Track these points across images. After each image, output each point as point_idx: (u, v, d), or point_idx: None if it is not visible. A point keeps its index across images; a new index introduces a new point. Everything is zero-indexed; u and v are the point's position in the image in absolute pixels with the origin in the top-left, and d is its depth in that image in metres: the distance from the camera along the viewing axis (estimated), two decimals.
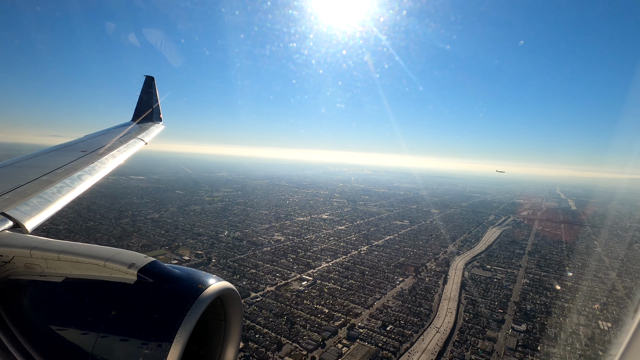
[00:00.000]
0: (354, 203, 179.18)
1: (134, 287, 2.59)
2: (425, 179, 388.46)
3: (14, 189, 4.45)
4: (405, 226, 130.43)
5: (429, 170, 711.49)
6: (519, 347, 51.73)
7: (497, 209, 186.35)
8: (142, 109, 10.93)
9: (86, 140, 7.99)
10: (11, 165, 5.68)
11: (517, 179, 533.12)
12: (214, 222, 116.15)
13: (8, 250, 2.95)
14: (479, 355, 49.32)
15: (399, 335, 53.28)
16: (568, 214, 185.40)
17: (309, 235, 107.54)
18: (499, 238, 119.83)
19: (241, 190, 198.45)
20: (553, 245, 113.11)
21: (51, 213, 4.35)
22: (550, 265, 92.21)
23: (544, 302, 68.15)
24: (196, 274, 2.78)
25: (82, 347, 2.40)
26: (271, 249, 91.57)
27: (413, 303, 64.79)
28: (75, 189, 5.14)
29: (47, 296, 2.72)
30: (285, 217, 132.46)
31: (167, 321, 2.37)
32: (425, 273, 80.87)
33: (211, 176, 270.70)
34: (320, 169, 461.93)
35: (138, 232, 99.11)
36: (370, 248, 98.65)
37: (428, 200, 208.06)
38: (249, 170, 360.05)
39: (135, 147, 8.11)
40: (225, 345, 2.96)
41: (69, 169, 5.68)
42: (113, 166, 6.62)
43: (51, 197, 4.59)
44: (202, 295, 2.52)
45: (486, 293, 71.41)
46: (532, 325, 58.63)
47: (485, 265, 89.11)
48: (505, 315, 62.04)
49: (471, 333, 55.26)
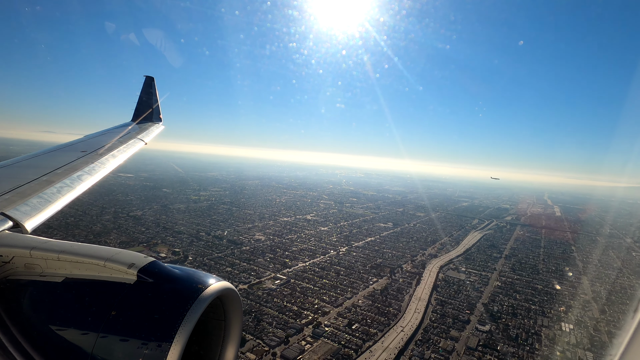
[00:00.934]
0: (340, 205, 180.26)
1: (134, 287, 2.58)
2: (417, 183, 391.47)
3: (13, 189, 4.43)
4: (388, 228, 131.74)
5: (422, 174, 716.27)
6: (479, 347, 52.99)
7: (482, 214, 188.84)
8: (142, 109, 10.99)
9: (86, 140, 8.03)
10: (11, 165, 5.67)
11: (508, 185, 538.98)
12: (196, 221, 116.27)
13: (8, 251, 2.94)
14: (439, 354, 50.41)
15: (364, 333, 54.19)
16: (551, 219, 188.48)
17: (290, 236, 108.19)
18: (478, 242, 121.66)
19: (229, 190, 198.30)
20: (531, 250, 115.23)
21: (51, 213, 4.36)
22: (524, 269, 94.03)
23: (511, 304, 69.63)
24: (196, 274, 2.78)
25: (82, 347, 2.39)
26: (250, 248, 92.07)
27: (383, 303, 65.81)
28: (75, 189, 5.16)
29: (47, 296, 2.71)
30: (269, 217, 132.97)
31: (167, 321, 2.37)
32: (400, 274, 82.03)
33: (201, 175, 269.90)
34: (313, 171, 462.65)
35: (118, 229, 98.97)
36: (350, 249, 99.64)
37: (415, 203, 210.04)
38: (241, 170, 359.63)
39: (135, 147, 8.14)
40: (225, 345, 2.96)
41: (69, 169, 5.69)
42: (113, 166, 6.67)
43: (51, 197, 4.60)
44: (202, 295, 2.51)
45: (456, 295, 72.72)
46: (496, 326, 60.04)
47: (460, 268, 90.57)
48: (472, 316, 63.33)
49: (435, 332, 56.39)
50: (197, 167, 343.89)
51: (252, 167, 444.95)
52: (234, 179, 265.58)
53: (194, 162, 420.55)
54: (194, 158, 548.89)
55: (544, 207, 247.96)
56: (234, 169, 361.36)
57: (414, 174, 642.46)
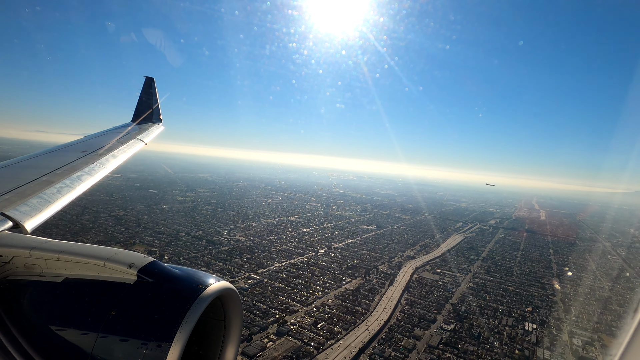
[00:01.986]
0: (327, 207, 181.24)
1: (134, 287, 2.59)
2: (407, 186, 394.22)
3: (13, 189, 4.43)
4: (371, 230, 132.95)
5: (415, 177, 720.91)
6: (440, 345, 54.12)
7: (467, 217, 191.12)
8: (142, 110, 11.00)
9: (86, 140, 8.04)
10: (11, 165, 5.67)
11: (500, 189, 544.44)
12: (178, 221, 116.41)
13: (7, 251, 2.94)
14: (399, 352, 51.42)
15: (328, 332, 55.03)
16: (534, 223, 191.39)
17: (270, 237, 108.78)
18: (458, 244, 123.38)
19: (217, 191, 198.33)
20: (508, 253, 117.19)
21: (51, 213, 4.35)
22: (498, 271, 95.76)
23: (479, 305, 71.04)
24: (196, 273, 2.79)
25: (82, 347, 2.39)
26: (228, 249, 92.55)
27: (352, 302, 66.74)
28: (75, 189, 5.16)
29: (47, 296, 2.71)
30: (253, 218, 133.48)
31: (166, 321, 2.38)
32: (375, 275, 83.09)
33: (191, 176, 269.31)
34: (305, 173, 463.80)
35: (97, 229, 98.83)
36: (329, 250, 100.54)
37: (402, 206, 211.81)
38: (232, 172, 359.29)
39: (135, 147, 8.19)
40: (225, 345, 2.97)
41: (69, 169, 5.69)
42: (113, 167, 6.69)
43: (51, 197, 4.58)
44: (202, 295, 2.52)
45: (427, 295, 73.94)
46: (461, 325, 61.27)
47: (436, 269, 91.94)
48: (438, 316, 64.54)
49: (399, 331, 57.44)
50: (188, 168, 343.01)
51: (244, 168, 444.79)
52: (223, 180, 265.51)
53: (186, 164, 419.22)
54: (186, 159, 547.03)
55: (529, 212, 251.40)
56: (225, 171, 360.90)
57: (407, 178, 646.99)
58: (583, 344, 57.99)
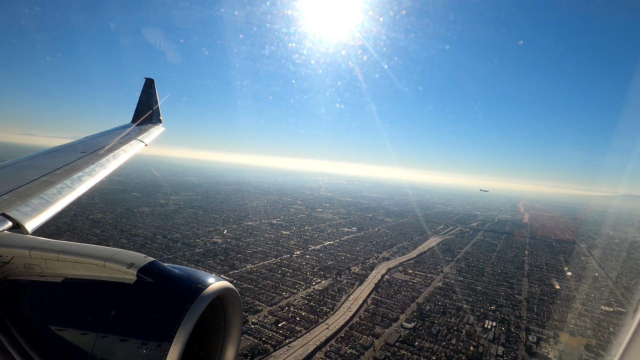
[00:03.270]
0: (311, 210, 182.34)
1: (134, 287, 2.58)
2: (396, 190, 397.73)
3: (13, 190, 4.43)
4: (351, 233, 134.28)
5: (406, 181, 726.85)
6: (397, 342, 55.38)
7: (450, 220, 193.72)
8: (141, 111, 11.00)
9: (85, 141, 8.02)
10: (11, 165, 5.67)
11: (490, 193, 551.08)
12: (156, 224, 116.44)
13: (7, 251, 2.94)
14: (356, 350, 52.53)
15: (288, 330, 55.96)
16: (515, 226, 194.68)
17: (248, 239, 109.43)
18: (436, 246, 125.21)
19: (202, 195, 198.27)
20: (484, 254, 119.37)
21: (52, 214, 4.35)
22: (470, 271, 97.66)
23: (444, 304, 72.58)
24: (196, 273, 2.78)
25: (82, 348, 2.39)
26: (203, 251, 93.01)
27: (318, 302, 67.77)
28: (75, 190, 5.17)
29: (47, 296, 2.71)
30: (234, 221, 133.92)
31: (166, 321, 2.37)
32: (346, 276, 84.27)
33: (178, 180, 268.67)
34: (295, 177, 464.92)
35: (71, 231, 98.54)
36: (304, 252, 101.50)
37: (387, 209, 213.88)
38: (221, 175, 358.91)
39: (135, 148, 8.19)
40: (225, 345, 2.96)
41: (69, 169, 5.70)
42: (113, 167, 6.68)
43: (52, 198, 4.58)
44: (202, 295, 2.52)
45: (395, 295, 75.29)
46: (421, 324, 62.68)
47: (408, 270, 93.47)
48: (401, 315, 65.86)
49: (359, 330, 58.58)
50: (176, 172, 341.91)
51: (234, 172, 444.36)
52: (211, 184, 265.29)
53: (175, 167, 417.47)
54: (176, 163, 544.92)
55: (513, 214, 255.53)
56: (214, 174, 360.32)
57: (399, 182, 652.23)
58: (537, 340, 59.77)
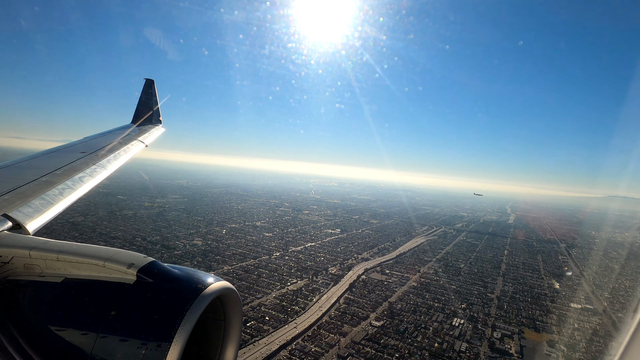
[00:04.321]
0: (298, 212, 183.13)
1: (133, 287, 2.58)
2: (387, 192, 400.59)
3: (13, 190, 4.44)
4: (334, 234, 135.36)
5: (397, 184, 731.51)
6: (362, 340, 56.40)
7: (436, 221, 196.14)
8: (142, 112, 11.02)
9: (85, 141, 8.02)
10: (10, 166, 5.68)
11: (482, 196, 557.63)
12: (137, 227, 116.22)
13: (7, 251, 2.94)
14: (321, 348, 53.42)
15: (256, 330, 56.63)
16: (499, 227, 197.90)
17: (229, 241, 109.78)
18: (417, 247, 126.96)
19: (189, 197, 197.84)
20: (463, 254, 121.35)
21: (53, 215, 4.36)
22: (447, 271, 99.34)
23: (415, 302, 73.92)
24: (196, 273, 2.78)
25: (82, 348, 2.40)
26: (181, 253, 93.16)
27: (290, 302, 68.55)
28: (76, 190, 5.16)
29: (47, 297, 2.71)
30: (217, 224, 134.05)
31: (166, 321, 2.38)
32: (322, 276, 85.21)
33: (167, 183, 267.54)
34: (286, 179, 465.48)
35: (50, 234, 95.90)
36: (284, 253, 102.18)
37: (374, 211, 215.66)
38: (211, 178, 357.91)
39: (135, 149, 8.21)
40: (225, 345, 2.97)
41: (69, 170, 5.71)
42: (114, 168, 6.69)
43: (53, 199, 4.59)
44: (202, 295, 2.52)
45: (368, 294, 76.41)
46: (390, 322, 63.83)
47: (385, 270, 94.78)
48: (372, 314, 66.96)
49: (327, 329, 59.51)
50: (166, 175, 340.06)
51: (225, 175, 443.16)
52: (200, 186, 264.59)
53: (165, 170, 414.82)
54: (166, 166, 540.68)
55: (499, 215, 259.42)
56: (204, 177, 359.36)
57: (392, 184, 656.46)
58: (502, 337, 61.34)
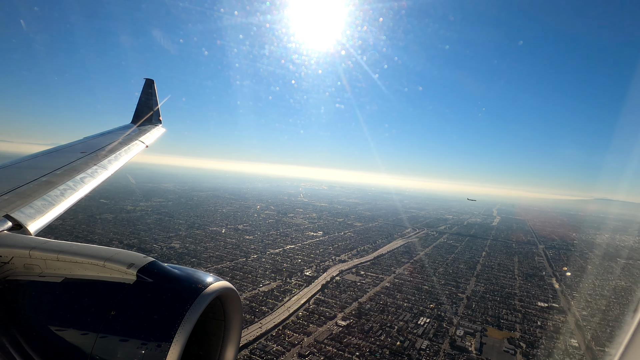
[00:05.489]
0: (283, 215, 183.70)
1: (133, 287, 2.59)
2: (376, 195, 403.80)
3: (13, 190, 4.45)
4: (316, 237, 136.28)
5: (390, 187, 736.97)
6: (325, 340, 57.30)
7: (420, 223, 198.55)
8: (142, 112, 11.02)
9: (85, 141, 7.99)
10: (10, 166, 5.69)
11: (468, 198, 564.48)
12: (115, 230, 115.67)
13: (7, 251, 2.94)
14: (283, 347, 54.18)
15: None
16: (482, 229, 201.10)
17: (208, 244, 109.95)
18: (397, 248, 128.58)
19: (174, 201, 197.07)
20: (441, 256, 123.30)
21: (54, 215, 4.37)
22: (422, 272, 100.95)
23: (385, 302, 75.17)
24: (196, 273, 2.79)
25: (81, 348, 2.39)
26: (157, 256, 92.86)
27: (259, 303, 69.22)
28: (77, 191, 5.16)
29: (46, 297, 2.71)
30: (198, 227, 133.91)
31: (166, 321, 2.38)
32: (297, 278, 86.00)
33: (154, 186, 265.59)
34: (277, 183, 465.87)
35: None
36: (261, 256, 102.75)
37: (360, 214, 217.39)
38: (199, 181, 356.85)
39: (136, 149, 8.19)
40: (225, 345, 2.98)
41: (69, 170, 5.71)
42: (115, 169, 6.67)
43: (55, 200, 4.60)
44: (202, 295, 2.53)
45: (339, 295, 77.43)
46: (356, 321, 64.89)
47: (360, 271, 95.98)
48: (339, 314, 67.98)
49: (292, 328, 60.31)
50: (154, 179, 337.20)
51: (214, 178, 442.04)
52: (186, 190, 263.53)
53: (154, 174, 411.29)
54: (155, 170, 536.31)
55: (484, 218, 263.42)
56: (193, 181, 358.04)
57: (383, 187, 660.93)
58: (464, 334, 62.89)
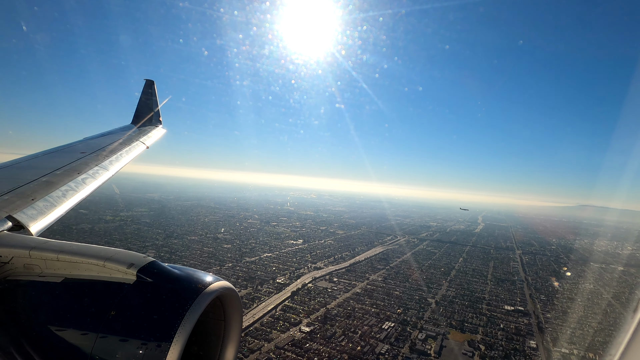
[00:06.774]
0: (265, 224, 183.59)
1: (133, 287, 2.59)
2: (363, 203, 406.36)
3: (13, 190, 4.46)
4: (295, 245, 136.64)
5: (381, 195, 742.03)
6: (286, 345, 57.69)
7: (402, 230, 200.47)
8: (142, 112, 11.02)
9: (85, 142, 7.98)
10: (10, 166, 5.73)
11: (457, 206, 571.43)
12: (90, 241, 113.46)
13: (7, 251, 2.95)
14: (242, 354, 54.27)
15: None
16: (463, 235, 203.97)
17: (184, 253, 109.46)
18: (374, 256, 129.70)
19: (156, 211, 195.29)
20: (418, 262, 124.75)
21: (56, 216, 4.38)
22: (396, 277, 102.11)
23: (353, 307, 75.92)
24: (196, 273, 2.80)
25: (81, 348, 2.39)
26: None
27: None
28: (78, 192, 5.18)
29: (46, 297, 2.70)
30: (177, 236, 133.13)
31: (166, 321, 2.38)
32: (268, 285, 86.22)
33: (138, 196, 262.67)
34: (265, 192, 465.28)
35: None
36: (236, 264, 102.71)
37: (344, 222, 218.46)
38: (185, 191, 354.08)
39: (137, 150, 8.19)
40: (225, 345, 2.98)
41: (69, 170, 5.73)
42: (115, 169, 6.69)
43: (57, 200, 4.63)
44: (202, 295, 2.53)
45: (308, 301, 77.89)
46: (320, 327, 65.41)
47: (334, 278, 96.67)
48: (305, 319, 68.44)
49: (254, 335, 60.57)
50: (139, 189, 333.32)
51: (200, 188, 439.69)
52: (171, 199, 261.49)
53: (138, 183, 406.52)
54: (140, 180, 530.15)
55: (468, 225, 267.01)
56: (179, 190, 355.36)
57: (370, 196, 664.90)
58: (425, 338, 63.94)
